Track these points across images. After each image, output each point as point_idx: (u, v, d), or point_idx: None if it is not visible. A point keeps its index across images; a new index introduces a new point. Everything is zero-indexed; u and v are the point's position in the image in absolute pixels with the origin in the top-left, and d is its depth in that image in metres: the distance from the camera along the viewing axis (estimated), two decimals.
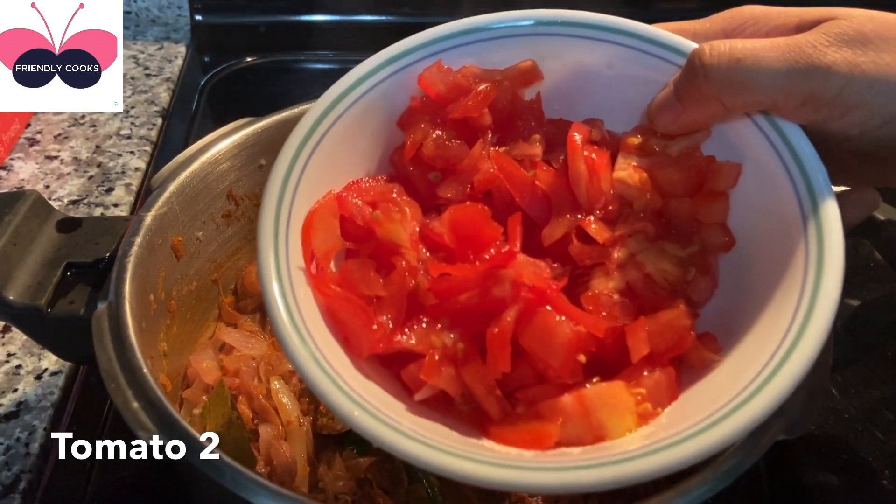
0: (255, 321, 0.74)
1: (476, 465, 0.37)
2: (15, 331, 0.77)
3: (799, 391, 0.49)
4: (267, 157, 0.72)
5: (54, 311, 0.55)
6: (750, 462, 0.45)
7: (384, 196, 0.50)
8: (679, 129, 0.48)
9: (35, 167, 1.01)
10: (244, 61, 1.30)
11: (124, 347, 0.50)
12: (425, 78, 0.52)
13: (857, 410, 0.76)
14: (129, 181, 1.00)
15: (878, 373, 0.79)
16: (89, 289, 0.57)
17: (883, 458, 0.71)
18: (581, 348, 0.42)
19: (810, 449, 0.72)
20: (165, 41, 1.34)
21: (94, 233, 0.60)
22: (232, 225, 0.72)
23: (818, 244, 0.41)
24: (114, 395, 0.47)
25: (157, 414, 0.46)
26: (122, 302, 0.53)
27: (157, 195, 0.62)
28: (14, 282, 0.55)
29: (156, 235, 0.61)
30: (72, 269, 0.58)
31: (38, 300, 0.55)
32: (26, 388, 0.72)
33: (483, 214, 0.46)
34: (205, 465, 0.43)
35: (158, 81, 1.23)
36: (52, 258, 0.57)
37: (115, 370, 0.49)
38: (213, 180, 0.68)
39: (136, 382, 0.48)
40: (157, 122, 1.14)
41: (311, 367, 0.40)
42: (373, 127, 0.52)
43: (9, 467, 0.65)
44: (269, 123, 0.72)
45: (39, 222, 0.59)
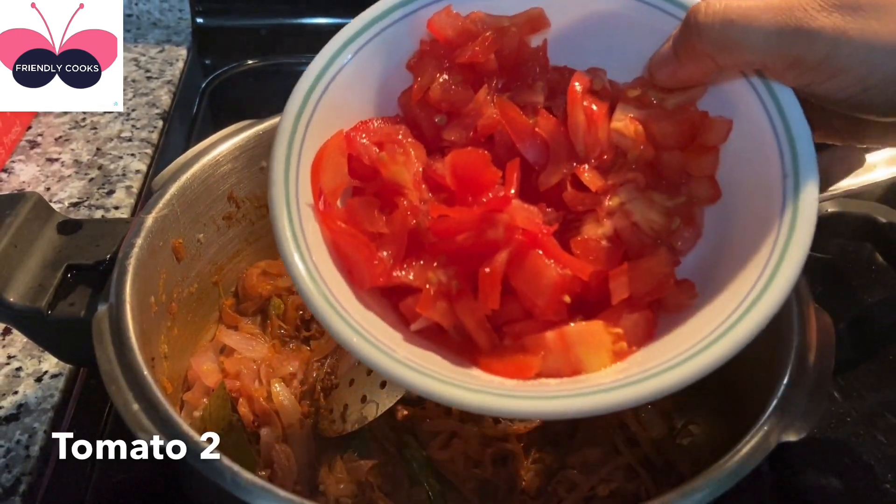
0: (255, 323, 0.74)
1: (461, 391, 0.40)
2: (15, 333, 0.77)
3: (801, 393, 0.49)
4: (268, 159, 0.71)
5: (55, 313, 0.55)
6: (753, 465, 0.45)
7: (390, 137, 0.51)
8: (676, 83, 0.49)
9: (36, 169, 1.01)
10: (245, 64, 1.30)
11: (125, 349, 0.50)
12: (434, 22, 0.53)
13: (859, 414, 0.75)
14: (130, 183, 1.00)
15: (881, 376, 0.79)
16: (90, 291, 0.57)
17: (885, 461, 0.71)
18: (566, 290, 0.45)
19: (812, 452, 0.72)
20: (166, 44, 1.34)
21: (94, 235, 0.60)
22: (233, 227, 0.72)
23: (794, 200, 0.43)
24: (114, 397, 0.47)
25: (158, 416, 0.46)
26: (123, 304, 0.53)
27: (159, 197, 0.62)
28: (15, 284, 0.55)
29: (157, 237, 0.61)
30: (72, 271, 0.58)
31: (39, 302, 0.55)
32: (27, 390, 0.72)
33: (483, 159, 0.48)
34: (205, 466, 0.43)
35: (159, 84, 1.23)
36: (52, 260, 0.57)
37: (115, 372, 0.49)
38: (213, 182, 0.68)
39: (137, 384, 0.48)
40: (157, 124, 1.14)
41: (316, 297, 0.43)
42: (382, 69, 0.54)
43: (9, 470, 0.65)
44: (270, 126, 0.71)
45: (40, 224, 0.59)
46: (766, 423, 0.48)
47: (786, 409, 0.48)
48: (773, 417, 0.48)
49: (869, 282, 0.90)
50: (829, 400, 0.77)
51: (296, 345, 0.74)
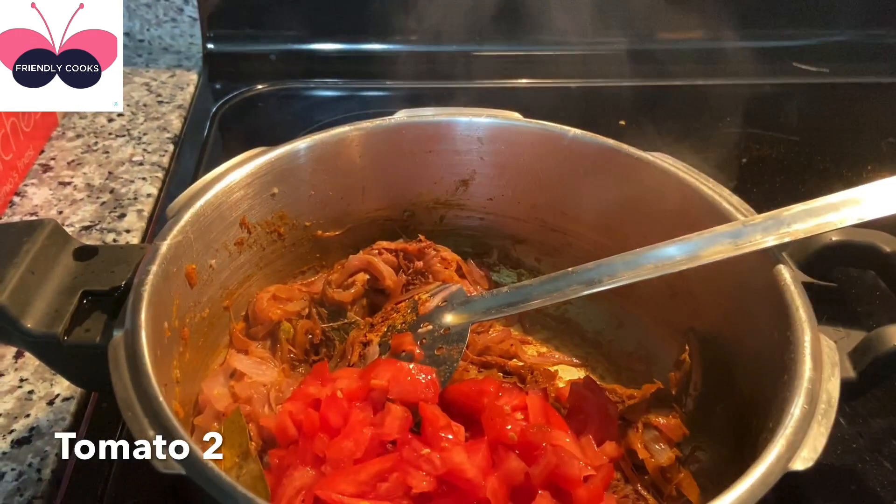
0: (265, 347, 0.75)
1: None
2: (27, 356, 0.78)
3: (808, 422, 0.49)
4: (279, 185, 0.73)
5: (71, 339, 0.55)
6: (760, 494, 0.45)
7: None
8: None
9: (48, 193, 1.02)
10: (255, 89, 1.32)
11: (140, 376, 0.50)
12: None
13: (865, 440, 0.75)
14: (141, 207, 1.02)
15: (886, 403, 0.79)
16: (105, 317, 0.57)
17: (891, 487, 0.71)
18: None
19: (819, 478, 0.72)
20: (177, 69, 1.37)
21: (110, 261, 0.60)
22: (244, 252, 0.73)
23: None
24: (130, 423, 0.48)
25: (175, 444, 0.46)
26: (138, 330, 0.53)
27: (173, 224, 0.63)
28: (32, 310, 0.55)
29: (171, 264, 0.61)
30: (88, 297, 0.58)
31: (56, 328, 0.55)
32: (38, 413, 0.72)
33: None
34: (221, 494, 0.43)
35: (170, 108, 1.25)
36: (69, 286, 0.58)
37: (131, 399, 0.49)
38: (226, 209, 0.69)
39: (153, 411, 0.48)
40: (168, 148, 1.15)
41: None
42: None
43: (21, 493, 0.65)
44: (281, 153, 0.73)
45: (57, 251, 0.59)
46: (774, 452, 0.48)
47: (793, 438, 0.49)
48: (781, 447, 0.48)
49: (874, 309, 0.90)
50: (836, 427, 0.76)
51: (305, 369, 0.75)
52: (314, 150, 0.75)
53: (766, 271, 0.62)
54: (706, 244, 0.63)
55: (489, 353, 0.78)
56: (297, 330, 0.75)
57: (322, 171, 0.76)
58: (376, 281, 0.78)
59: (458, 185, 0.82)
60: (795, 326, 0.56)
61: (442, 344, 0.68)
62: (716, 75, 1.41)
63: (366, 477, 0.55)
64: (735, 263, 0.63)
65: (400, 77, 1.35)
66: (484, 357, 0.78)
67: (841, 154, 1.24)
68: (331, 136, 0.75)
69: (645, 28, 1.47)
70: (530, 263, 0.87)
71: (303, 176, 0.75)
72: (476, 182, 0.82)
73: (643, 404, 0.67)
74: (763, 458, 0.47)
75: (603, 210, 0.78)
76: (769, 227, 0.62)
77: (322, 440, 0.58)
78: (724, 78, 1.40)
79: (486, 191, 0.82)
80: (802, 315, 0.57)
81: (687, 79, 1.41)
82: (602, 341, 0.82)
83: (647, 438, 0.65)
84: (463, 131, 0.78)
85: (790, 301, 0.58)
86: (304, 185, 0.76)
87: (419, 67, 1.35)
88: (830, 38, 1.50)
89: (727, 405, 0.65)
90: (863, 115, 1.38)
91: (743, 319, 0.66)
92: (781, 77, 1.44)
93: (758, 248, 0.61)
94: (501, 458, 0.56)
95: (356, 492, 0.54)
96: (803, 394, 0.51)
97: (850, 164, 1.22)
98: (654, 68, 1.43)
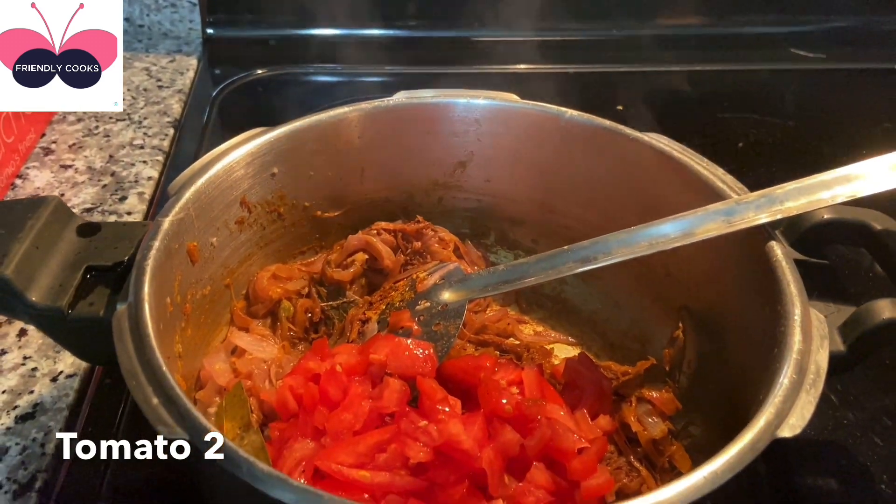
0: (265, 325, 0.76)
1: None
2: (31, 334, 0.79)
3: (796, 392, 0.50)
4: (279, 165, 0.74)
5: (75, 313, 0.56)
6: (749, 459, 0.46)
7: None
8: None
9: (50, 176, 1.03)
10: (254, 74, 1.33)
11: (144, 346, 0.51)
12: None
13: (856, 417, 0.77)
14: (142, 190, 1.02)
15: (878, 382, 0.80)
16: (108, 291, 0.58)
17: (881, 462, 0.72)
18: None
19: (809, 454, 0.74)
20: (177, 54, 1.37)
21: (113, 237, 0.61)
22: (244, 231, 0.74)
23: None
24: (134, 391, 0.48)
25: (177, 410, 0.47)
26: (142, 303, 0.54)
27: (175, 201, 0.64)
28: (36, 284, 0.56)
29: (173, 240, 0.62)
30: (91, 272, 0.59)
31: (60, 302, 0.56)
32: (42, 390, 0.73)
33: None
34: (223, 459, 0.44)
35: (170, 93, 1.26)
36: (72, 261, 0.59)
37: (135, 368, 0.50)
38: (227, 188, 0.70)
39: (156, 380, 0.49)
40: (169, 132, 1.16)
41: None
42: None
43: (25, 467, 0.66)
44: (281, 133, 0.74)
45: (60, 227, 0.60)
46: (762, 419, 0.49)
47: (782, 406, 0.50)
48: (770, 414, 0.49)
49: (866, 287, 0.91)
50: (827, 405, 0.78)
51: (305, 346, 0.76)
52: (313, 130, 0.75)
53: (759, 249, 0.62)
54: (700, 222, 0.63)
55: (486, 332, 0.79)
56: (297, 308, 0.76)
57: (321, 152, 0.77)
58: (375, 261, 0.79)
59: (456, 166, 0.83)
60: (785, 300, 0.57)
61: (439, 320, 0.69)
62: (713, 61, 1.41)
63: (364, 448, 0.56)
64: (728, 241, 0.65)
65: (399, 62, 1.36)
66: (481, 336, 0.79)
67: (837, 139, 1.25)
68: (330, 116, 0.76)
69: (644, 14, 1.47)
70: (527, 245, 0.88)
71: (302, 156, 0.76)
72: (474, 163, 0.83)
73: (637, 380, 0.68)
74: (752, 426, 0.48)
75: (599, 191, 0.79)
76: (762, 204, 0.63)
77: (322, 413, 0.59)
78: (721, 63, 1.40)
79: (483, 172, 0.83)
80: (793, 290, 0.58)
81: (685, 64, 1.41)
82: (597, 320, 0.83)
83: (640, 412, 0.66)
84: (460, 113, 0.79)
85: (781, 276, 0.59)
86: (303, 165, 0.76)
87: (419, 52, 1.36)
88: (827, 24, 1.50)
89: (720, 381, 0.66)
90: (859, 101, 1.39)
91: (736, 296, 0.67)
92: (779, 63, 1.45)
93: (751, 224, 0.62)
94: (497, 431, 0.57)
95: (355, 462, 0.55)
96: (792, 364, 0.52)
97: (845, 148, 1.23)
98: (652, 54, 1.43)
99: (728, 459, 0.46)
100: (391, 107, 0.78)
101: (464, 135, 0.80)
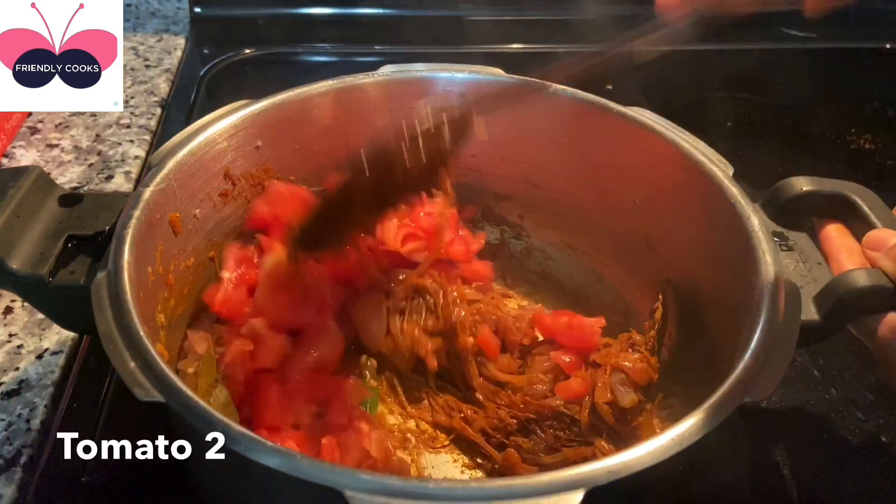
0: None
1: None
2: (16, 311, 0.79)
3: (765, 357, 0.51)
4: (263, 138, 0.74)
5: (56, 281, 0.57)
6: (720, 419, 0.47)
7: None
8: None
9: (36, 155, 1.03)
10: (243, 53, 1.32)
11: (122, 312, 0.51)
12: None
13: (838, 392, 0.77)
14: (129, 169, 1.02)
15: (861, 357, 0.81)
16: (89, 260, 0.59)
17: (862, 436, 0.73)
18: None
19: (791, 427, 0.74)
20: (165, 33, 1.36)
21: (94, 207, 0.61)
22: (228, 204, 0.73)
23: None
24: (112, 356, 0.49)
25: (154, 375, 0.48)
26: (121, 271, 0.54)
27: (156, 171, 0.64)
28: (17, 252, 0.56)
29: (154, 210, 0.62)
30: (73, 241, 0.59)
31: (41, 270, 0.56)
32: (27, 366, 0.73)
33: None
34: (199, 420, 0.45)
35: (158, 72, 1.25)
36: (53, 231, 0.59)
37: (113, 334, 0.50)
38: (210, 159, 0.69)
39: (134, 345, 0.49)
40: (156, 112, 1.15)
41: None
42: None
43: (10, 442, 0.66)
44: (265, 106, 0.74)
45: (42, 196, 0.61)
46: (727, 383, 0.50)
47: (750, 371, 0.50)
48: (735, 379, 0.50)
49: None
50: (810, 379, 0.79)
51: None
52: (298, 103, 0.75)
53: (737, 220, 0.63)
54: None
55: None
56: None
57: (306, 125, 0.77)
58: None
59: None
60: (760, 270, 0.58)
61: None
62: (704, 40, 1.40)
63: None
64: (708, 213, 0.66)
65: (390, 41, 1.35)
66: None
67: (826, 118, 1.25)
68: (314, 89, 0.76)
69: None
70: (513, 220, 0.88)
71: (287, 129, 0.75)
72: None
73: (615, 349, 0.69)
74: (721, 388, 0.49)
75: (584, 165, 0.79)
76: None
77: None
78: (711, 43, 1.40)
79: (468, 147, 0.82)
80: (768, 259, 0.58)
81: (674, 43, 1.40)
82: (582, 294, 0.84)
83: (613, 381, 0.66)
84: (444, 86, 0.79)
85: (756, 246, 0.60)
86: (288, 139, 0.76)
87: (410, 32, 1.35)
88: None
89: (698, 352, 0.67)
90: (849, 80, 1.39)
91: (714, 268, 0.67)
92: (769, 42, 1.45)
93: None
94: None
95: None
96: (761, 332, 0.53)
97: (834, 127, 1.24)
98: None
99: (694, 422, 0.47)
100: (374, 81, 0.78)
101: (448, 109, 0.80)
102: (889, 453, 0.72)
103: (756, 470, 0.70)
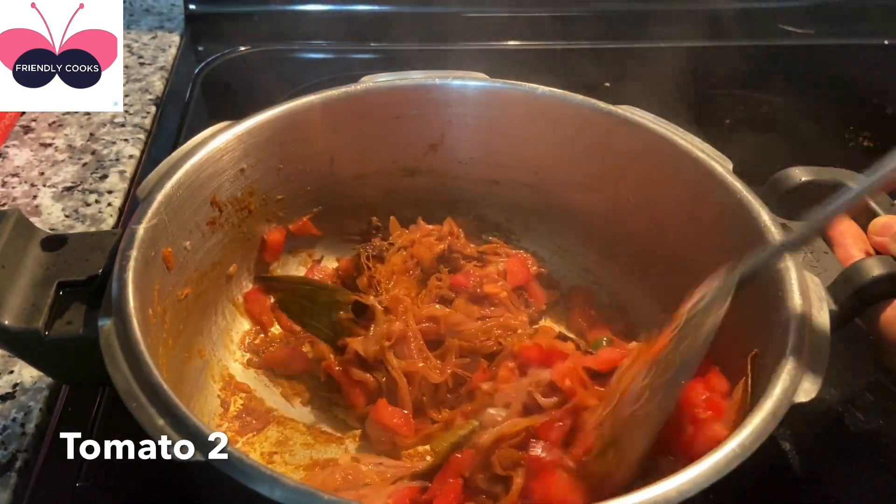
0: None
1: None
2: None
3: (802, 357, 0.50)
4: (248, 160, 0.73)
5: (52, 333, 0.53)
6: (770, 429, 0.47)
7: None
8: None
9: (30, 154, 1.02)
10: (237, 50, 1.30)
11: (139, 365, 0.49)
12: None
13: (839, 392, 0.76)
14: (123, 168, 1.01)
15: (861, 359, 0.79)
16: (85, 307, 0.55)
17: (862, 436, 0.73)
18: None
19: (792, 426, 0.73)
20: (159, 30, 1.34)
21: (81, 249, 0.58)
22: (216, 232, 0.72)
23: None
24: (137, 413, 0.46)
25: (187, 430, 0.45)
26: (129, 319, 0.51)
27: (147, 206, 0.61)
28: (7, 306, 0.53)
29: (149, 248, 0.59)
30: (64, 289, 0.56)
31: (35, 322, 0.53)
32: (22, 370, 0.72)
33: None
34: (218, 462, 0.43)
35: (152, 70, 1.24)
36: (41, 278, 0.56)
37: (133, 390, 0.47)
38: (197, 188, 0.68)
39: (159, 400, 0.47)
40: (150, 110, 1.14)
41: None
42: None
43: (5, 447, 0.66)
44: (249, 127, 0.72)
45: (24, 242, 0.57)
46: (778, 387, 0.49)
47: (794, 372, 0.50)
48: (784, 382, 0.50)
49: None
50: None
51: None
52: (281, 121, 0.74)
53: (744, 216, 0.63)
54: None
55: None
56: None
57: (289, 143, 0.75)
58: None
59: (428, 149, 0.82)
60: (781, 264, 0.57)
61: None
62: (702, 37, 1.37)
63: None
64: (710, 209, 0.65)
65: (387, 39, 1.32)
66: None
67: (825, 114, 1.22)
68: (295, 106, 0.74)
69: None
70: (502, 223, 0.87)
71: (271, 149, 0.74)
72: (446, 145, 0.81)
73: None
74: (769, 395, 0.49)
75: (577, 167, 0.78)
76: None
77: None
78: (709, 40, 1.36)
79: (456, 154, 0.82)
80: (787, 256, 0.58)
81: (672, 41, 1.36)
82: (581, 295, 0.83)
83: None
84: (429, 95, 0.77)
85: (771, 239, 0.60)
86: (272, 158, 0.75)
87: (406, 29, 1.32)
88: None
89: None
90: (847, 76, 1.35)
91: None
92: (767, 38, 1.42)
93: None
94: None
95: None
96: (795, 329, 0.53)
97: (833, 124, 1.20)
98: (640, 30, 1.39)
99: (753, 429, 0.47)
100: (357, 93, 0.76)
101: (434, 118, 0.79)
102: (889, 453, 0.71)
103: (756, 470, 0.70)
